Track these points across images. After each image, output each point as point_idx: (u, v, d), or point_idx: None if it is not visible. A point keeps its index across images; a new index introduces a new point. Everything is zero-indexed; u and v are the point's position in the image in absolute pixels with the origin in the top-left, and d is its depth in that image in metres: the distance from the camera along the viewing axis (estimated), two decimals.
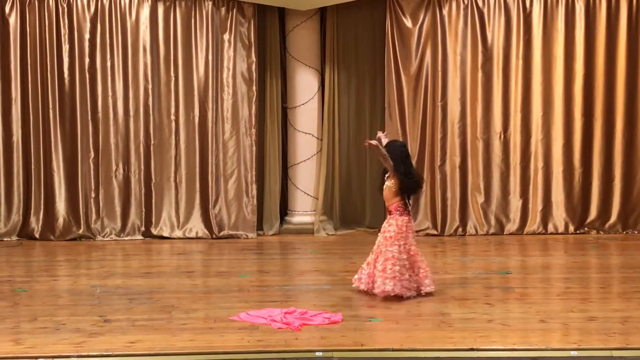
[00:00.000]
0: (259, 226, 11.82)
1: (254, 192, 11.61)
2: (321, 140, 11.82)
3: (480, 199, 11.71)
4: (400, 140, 9.98)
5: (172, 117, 11.56)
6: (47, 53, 11.36)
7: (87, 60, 11.42)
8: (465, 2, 11.56)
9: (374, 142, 8.00)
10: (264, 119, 11.87)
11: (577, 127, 11.68)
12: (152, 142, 11.54)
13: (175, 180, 11.60)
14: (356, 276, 8.28)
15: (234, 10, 11.49)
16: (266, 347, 6.42)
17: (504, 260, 10.01)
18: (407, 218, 8.08)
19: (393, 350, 6.36)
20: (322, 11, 11.78)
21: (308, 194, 11.86)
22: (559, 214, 11.74)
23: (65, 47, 11.39)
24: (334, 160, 11.92)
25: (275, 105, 11.84)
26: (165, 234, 11.55)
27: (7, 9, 11.35)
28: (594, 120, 11.69)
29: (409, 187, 8.07)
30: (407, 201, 8.12)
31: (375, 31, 11.94)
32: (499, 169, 11.71)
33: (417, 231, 11.51)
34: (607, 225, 11.78)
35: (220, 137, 11.59)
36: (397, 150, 8.04)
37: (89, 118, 11.46)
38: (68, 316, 7.39)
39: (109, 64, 11.45)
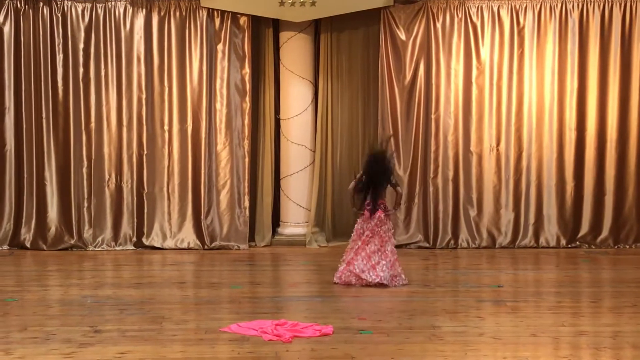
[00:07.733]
0: (251, 237, 11.82)
1: (247, 203, 11.61)
2: (314, 151, 11.82)
3: (473, 212, 11.72)
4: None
5: (166, 128, 11.55)
6: (41, 62, 11.37)
7: (81, 69, 11.42)
8: (459, 15, 11.59)
9: None
10: (257, 130, 11.88)
11: (569, 141, 11.70)
12: (145, 152, 11.54)
13: (167, 191, 11.59)
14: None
15: (229, 21, 11.50)
16: (257, 359, 6.41)
17: (496, 273, 10.02)
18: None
19: None
20: (316, 23, 11.80)
21: (300, 206, 11.86)
22: (551, 228, 11.75)
23: (59, 57, 11.40)
24: (326, 172, 11.92)
25: (269, 117, 11.86)
26: (157, 245, 11.53)
27: (1, 18, 11.37)
28: (586, 134, 11.71)
29: None
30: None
31: (369, 43, 11.96)
32: (491, 183, 11.72)
33: (409, 244, 11.58)
34: (598, 239, 11.78)
35: (213, 148, 11.58)
36: None
37: (82, 127, 11.46)
38: (58, 326, 7.36)
39: (102, 73, 11.45)
